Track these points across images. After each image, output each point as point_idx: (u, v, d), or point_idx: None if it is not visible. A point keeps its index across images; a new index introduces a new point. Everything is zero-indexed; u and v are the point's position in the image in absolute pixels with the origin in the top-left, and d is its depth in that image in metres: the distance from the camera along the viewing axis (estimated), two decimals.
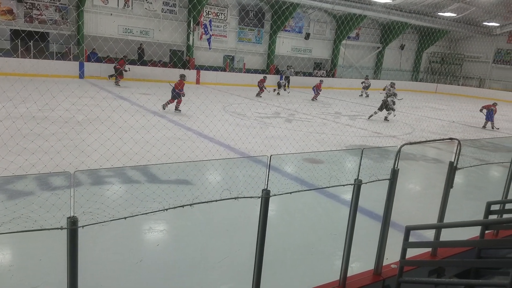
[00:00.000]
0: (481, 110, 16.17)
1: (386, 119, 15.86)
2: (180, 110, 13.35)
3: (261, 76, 21.55)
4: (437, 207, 4.37)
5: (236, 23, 27.20)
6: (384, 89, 19.38)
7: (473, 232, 4.40)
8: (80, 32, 21.75)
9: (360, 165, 3.37)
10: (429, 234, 4.86)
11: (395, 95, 16.32)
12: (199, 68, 24.77)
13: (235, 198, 2.70)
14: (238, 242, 4.87)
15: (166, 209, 2.42)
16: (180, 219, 5.19)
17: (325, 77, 30.66)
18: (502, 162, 5.39)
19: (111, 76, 20.52)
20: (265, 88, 20.28)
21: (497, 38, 34.73)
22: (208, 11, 25.68)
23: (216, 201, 2.65)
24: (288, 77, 26.88)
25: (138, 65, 20.73)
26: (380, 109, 15.78)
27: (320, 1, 25.25)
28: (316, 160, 8.69)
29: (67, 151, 6.91)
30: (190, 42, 24.95)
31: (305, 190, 3.12)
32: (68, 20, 21.99)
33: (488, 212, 4.18)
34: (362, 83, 26.93)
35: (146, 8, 23.69)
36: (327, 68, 32.08)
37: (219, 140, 9.83)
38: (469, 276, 3.84)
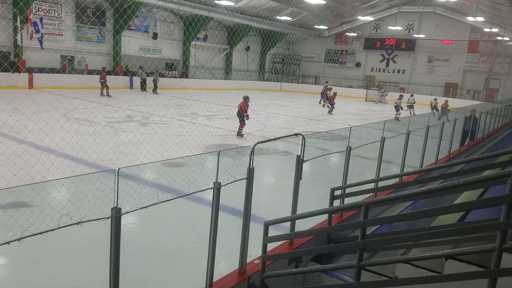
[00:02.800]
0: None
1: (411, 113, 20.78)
2: (242, 135, 12.07)
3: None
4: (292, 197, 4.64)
5: (73, 20, 24.75)
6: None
7: (325, 215, 4.80)
8: None
9: (218, 168, 3.31)
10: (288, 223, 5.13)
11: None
12: (31, 70, 21.73)
13: (77, 223, 2.32)
14: (88, 269, 4.30)
15: None
16: (16, 250, 4.35)
17: (178, 77, 30.41)
18: (340, 151, 6.07)
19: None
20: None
21: (326, 40, 39.70)
22: (38, 8, 22.74)
23: (52, 230, 2.23)
24: (145, 79, 25.68)
25: None
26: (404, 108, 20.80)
27: (164, 0, 24.81)
28: (175, 164, 8.45)
29: None
30: (18, 42, 21.69)
31: (161, 202, 2.90)
32: None
33: (333, 197, 4.63)
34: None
35: None
36: (180, 69, 31.86)
37: (63, 152, 8.73)
38: (322, 258, 4.18)
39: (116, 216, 2.43)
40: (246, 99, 12.82)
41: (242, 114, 12.51)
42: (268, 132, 13.81)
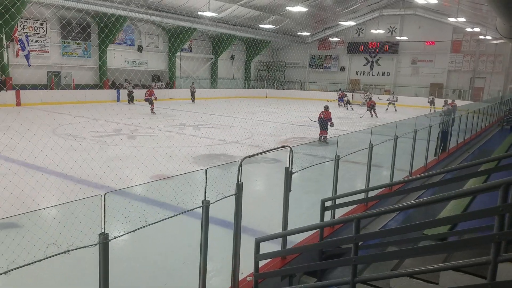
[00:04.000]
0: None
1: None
2: (328, 143, 12.00)
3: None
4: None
5: (58, 36, 24.62)
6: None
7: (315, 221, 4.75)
8: None
9: (206, 186, 3.27)
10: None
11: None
12: (19, 88, 21.48)
13: (64, 252, 2.26)
14: None
15: None
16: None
17: (164, 88, 30.28)
18: (329, 160, 6.08)
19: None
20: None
21: (310, 45, 39.97)
22: (24, 26, 22.65)
23: (40, 260, 2.17)
24: (132, 92, 25.58)
25: None
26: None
27: (149, 14, 24.77)
28: (165, 176, 8.37)
29: None
30: (5, 61, 21.52)
31: (149, 225, 2.85)
32: None
33: (324, 208, 4.61)
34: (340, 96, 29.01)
35: None
36: (166, 80, 31.77)
37: (52, 169, 8.59)
38: (316, 271, 4.16)
39: (103, 242, 2.38)
40: (327, 108, 13.89)
41: (327, 122, 13.32)
42: (256, 140, 13.78)
